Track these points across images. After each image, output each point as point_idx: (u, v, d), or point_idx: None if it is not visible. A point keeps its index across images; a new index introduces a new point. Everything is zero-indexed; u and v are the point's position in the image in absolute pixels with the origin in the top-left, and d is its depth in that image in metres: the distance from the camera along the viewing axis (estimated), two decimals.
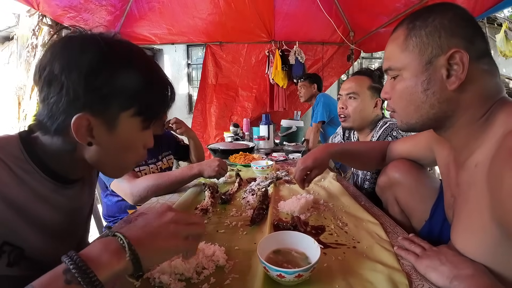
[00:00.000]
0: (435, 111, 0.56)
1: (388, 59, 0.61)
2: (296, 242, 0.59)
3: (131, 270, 0.39)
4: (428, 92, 0.55)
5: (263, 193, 0.92)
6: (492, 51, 2.00)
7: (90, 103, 0.46)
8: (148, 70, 0.52)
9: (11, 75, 3.93)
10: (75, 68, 0.45)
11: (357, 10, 2.70)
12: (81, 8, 2.29)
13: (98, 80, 0.46)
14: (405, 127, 0.63)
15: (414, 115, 0.59)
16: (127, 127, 0.51)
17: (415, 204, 0.81)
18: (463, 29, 0.53)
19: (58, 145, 0.50)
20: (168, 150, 1.46)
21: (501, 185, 0.43)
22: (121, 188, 1.04)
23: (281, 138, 2.62)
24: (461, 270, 0.48)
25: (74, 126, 0.46)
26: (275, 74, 3.21)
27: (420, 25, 0.55)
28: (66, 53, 0.46)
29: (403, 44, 0.57)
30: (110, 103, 0.48)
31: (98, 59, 0.46)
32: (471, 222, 0.52)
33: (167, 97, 0.56)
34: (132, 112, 0.50)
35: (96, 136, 0.48)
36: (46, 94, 0.46)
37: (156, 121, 0.56)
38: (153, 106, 0.54)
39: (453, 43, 0.52)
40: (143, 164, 1.26)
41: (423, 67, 0.55)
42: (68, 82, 0.44)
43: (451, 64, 0.52)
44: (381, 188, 0.92)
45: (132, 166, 0.60)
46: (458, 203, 0.57)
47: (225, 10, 2.80)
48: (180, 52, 5.47)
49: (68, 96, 0.45)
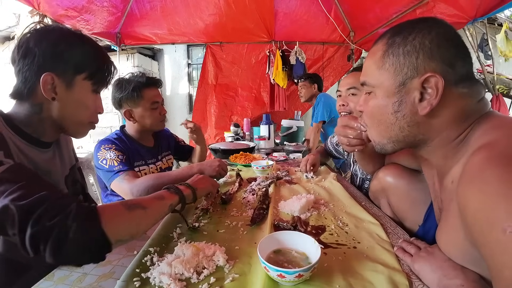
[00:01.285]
0: (404, 134, 0.54)
1: (364, 74, 0.59)
2: (297, 242, 0.59)
3: (192, 196, 0.76)
4: (398, 114, 0.53)
5: (263, 193, 0.92)
6: (492, 51, 2.01)
7: (54, 66, 0.63)
8: (97, 49, 0.71)
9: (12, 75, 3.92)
10: (45, 41, 0.63)
11: (357, 10, 2.70)
12: (82, 8, 2.29)
13: (60, 48, 0.63)
14: (379, 148, 0.60)
15: (385, 135, 0.57)
16: (80, 87, 0.68)
17: (407, 208, 0.81)
18: (445, 51, 0.49)
19: (29, 108, 0.65)
20: (168, 150, 1.46)
21: (466, 208, 0.41)
22: (121, 188, 1.04)
23: (281, 138, 2.62)
24: (450, 280, 0.48)
25: (42, 82, 0.61)
26: (276, 74, 3.21)
27: (399, 43, 0.52)
28: (38, 33, 0.64)
29: (380, 61, 0.55)
30: (68, 66, 0.65)
31: (61, 35, 0.65)
32: (450, 237, 0.52)
33: (110, 69, 0.73)
34: (84, 76, 0.67)
35: (58, 92, 0.64)
36: (21, 65, 0.62)
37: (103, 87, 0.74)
38: (100, 74, 0.71)
39: (430, 67, 0.49)
40: (143, 164, 1.26)
41: (395, 88, 0.53)
42: (39, 51, 0.61)
43: (425, 88, 0.50)
44: (373, 192, 0.92)
45: (87, 125, 0.74)
46: (443, 216, 0.57)
47: (226, 11, 2.80)
48: (180, 52, 5.47)
49: (39, 62, 0.61)
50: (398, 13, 2.30)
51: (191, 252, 0.57)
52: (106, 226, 0.49)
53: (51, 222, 0.45)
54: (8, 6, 3.86)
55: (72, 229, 0.45)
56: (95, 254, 0.49)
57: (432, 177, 0.64)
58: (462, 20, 1.91)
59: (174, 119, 5.35)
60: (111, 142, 1.15)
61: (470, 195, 0.40)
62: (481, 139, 0.47)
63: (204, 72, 3.39)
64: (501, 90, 3.10)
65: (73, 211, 0.47)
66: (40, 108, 0.65)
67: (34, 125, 0.66)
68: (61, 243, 0.45)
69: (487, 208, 0.37)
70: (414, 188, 0.79)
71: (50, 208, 0.46)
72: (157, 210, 0.63)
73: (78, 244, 0.46)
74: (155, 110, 1.24)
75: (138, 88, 1.19)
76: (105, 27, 2.68)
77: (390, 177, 0.83)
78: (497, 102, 2.90)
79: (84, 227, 0.47)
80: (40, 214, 0.45)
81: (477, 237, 0.40)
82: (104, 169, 1.07)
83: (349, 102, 1.20)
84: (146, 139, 1.32)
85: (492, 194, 0.37)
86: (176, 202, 0.69)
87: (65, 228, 0.45)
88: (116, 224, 0.52)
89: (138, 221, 0.57)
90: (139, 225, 0.57)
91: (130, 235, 0.54)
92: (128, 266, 0.56)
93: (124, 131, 1.28)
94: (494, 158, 0.40)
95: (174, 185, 0.73)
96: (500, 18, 3.97)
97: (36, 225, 0.45)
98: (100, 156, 1.09)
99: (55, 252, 0.45)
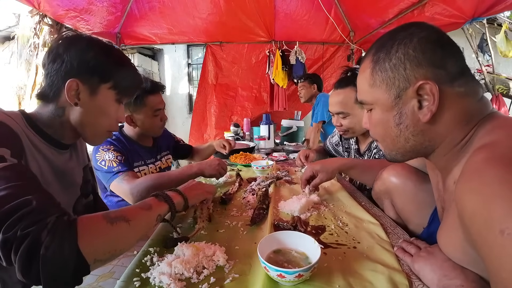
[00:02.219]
0: (410, 144, 0.54)
1: (360, 93, 0.59)
2: (297, 242, 0.59)
3: (183, 204, 0.71)
4: (401, 126, 0.53)
5: (263, 193, 0.92)
6: (492, 51, 2.01)
7: (80, 73, 0.65)
8: (124, 61, 0.73)
9: (12, 75, 3.93)
10: (73, 48, 0.65)
11: (357, 10, 2.70)
12: (82, 8, 2.29)
13: (88, 56, 0.65)
14: (389, 158, 0.61)
15: (393, 147, 0.57)
16: (104, 96, 0.69)
17: (413, 210, 0.79)
18: (431, 54, 0.49)
19: (52, 111, 0.67)
20: (167, 150, 1.47)
21: (464, 209, 0.41)
22: (121, 189, 1.04)
23: (281, 138, 2.62)
24: (450, 280, 0.48)
25: (67, 87, 0.63)
26: (276, 74, 3.21)
27: (384, 58, 0.52)
28: (68, 40, 0.67)
29: (370, 79, 0.55)
30: (94, 74, 0.66)
31: (89, 44, 0.67)
32: (450, 238, 0.51)
33: (137, 82, 0.76)
34: (109, 85, 0.69)
35: (81, 98, 0.66)
36: (50, 70, 0.65)
37: (127, 98, 0.76)
38: (126, 85, 0.73)
39: (420, 74, 0.49)
40: (142, 164, 1.26)
41: (392, 102, 0.52)
42: (68, 57, 0.64)
43: (422, 95, 0.49)
44: (376, 193, 0.90)
45: (105, 134, 0.75)
46: (444, 217, 0.56)
47: (226, 10, 2.80)
48: (180, 52, 5.47)
49: (66, 67, 0.64)
50: (397, 13, 2.31)
51: (191, 252, 0.57)
52: (83, 244, 0.44)
53: (24, 232, 0.41)
54: (8, 6, 3.86)
55: (45, 243, 0.41)
56: (71, 274, 0.43)
57: (436, 176, 0.63)
58: (461, 20, 1.92)
59: (174, 119, 5.35)
60: (110, 143, 1.14)
61: (468, 196, 0.40)
62: (483, 139, 0.46)
63: (204, 72, 3.39)
64: (500, 90, 3.10)
65: (50, 223, 0.43)
66: (63, 112, 0.67)
67: (55, 127, 0.68)
68: (31, 257, 0.41)
69: (485, 209, 0.37)
70: (421, 189, 0.76)
71: (28, 215, 0.43)
72: (143, 223, 0.58)
73: (50, 262, 0.41)
74: (157, 117, 1.24)
75: (142, 94, 1.17)
76: (105, 27, 2.68)
77: (395, 177, 0.81)
78: (497, 102, 2.90)
79: (58, 243, 0.42)
80: (15, 219, 0.42)
81: (474, 239, 0.39)
82: (103, 170, 1.06)
83: (342, 122, 1.21)
84: (145, 140, 1.32)
85: (490, 195, 0.36)
86: (165, 211, 0.65)
87: (37, 241, 0.41)
88: (95, 241, 0.47)
89: (120, 236, 0.51)
90: (121, 241, 0.52)
91: (110, 254, 0.49)
92: (128, 266, 0.56)
93: (122, 132, 1.28)
94: (494, 159, 0.39)
95: (163, 192, 0.68)
96: (500, 18, 3.97)
97: (8, 231, 0.42)
98: (98, 157, 1.08)
99: (24, 267, 0.41)
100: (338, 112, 1.20)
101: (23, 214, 0.43)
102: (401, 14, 2.27)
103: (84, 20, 2.42)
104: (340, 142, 1.49)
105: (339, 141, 1.49)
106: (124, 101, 0.75)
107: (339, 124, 1.22)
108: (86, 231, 0.46)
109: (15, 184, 0.47)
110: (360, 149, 1.30)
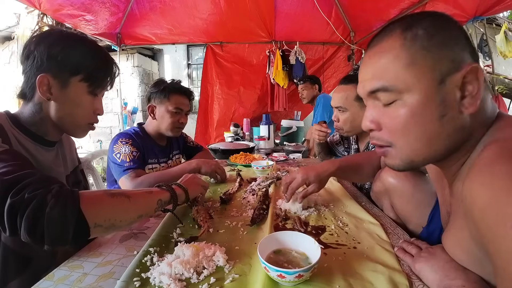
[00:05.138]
0: (448, 142, 0.46)
1: (381, 77, 0.47)
2: (297, 242, 0.59)
3: (184, 196, 0.75)
4: (443, 120, 0.44)
5: (263, 193, 0.92)
6: (492, 51, 2.01)
7: (50, 67, 0.66)
8: (96, 51, 0.72)
9: (12, 75, 3.93)
10: (43, 43, 0.65)
11: (358, 10, 2.70)
12: (83, 9, 2.29)
13: (55, 51, 0.65)
14: (402, 167, 0.50)
15: (425, 151, 0.47)
16: (76, 89, 0.69)
17: (412, 210, 0.79)
18: (467, 40, 0.44)
19: (32, 108, 0.68)
20: (178, 149, 1.50)
21: (474, 204, 0.39)
22: (126, 186, 1.06)
23: (281, 138, 2.62)
24: (452, 280, 0.48)
25: (38, 83, 0.65)
26: (276, 74, 3.21)
27: (423, 34, 0.44)
28: (39, 37, 0.67)
29: (406, 57, 0.44)
30: (63, 68, 0.67)
31: (58, 38, 0.67)
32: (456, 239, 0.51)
33: (110, 73, 0.75)
34: (80, 78, 0.69)
35: (53, 92, 0.67)
36: (25, 67, 0.67)
37: (102, 90, 0.75)
38: (97, 77, 0.72)
39: (466, 57, 0.44)
40: (155, 162, 1.29)
41: (435, 88, 0.43)
42: (37, 53, 0.65)
43: (465, 82, 0.43)
44: (375, 193, 0.90)
45: (85, 126, 0.76)
46: (451, 219, 0.55)
47: (226, 10, 2.80)
48: (180, 52, 5.47)
49: (37, 63, 0.65)
50: (398, 13, 2.31)
51: (191, 252, 0.56)
52: (85, 207, 0.49)
53: (31, 194, 0.46)
54: (8, 6, 3.87)
55: (50, 204, 0.46)
56: (72, 235, 0.48)
57: (441, 180, 0.61)
58: (462, 19, 1.92)
59: None
60: (129, 136, 1.18)
61: (479, 190, 0.38)
62: (492, 137, 0.45)
63: (205, 72, 3.39)
64: (500, 90, 3.10)
65: (55, 189, 0.48)
66: (40, 108, 0.69)
67: (37, 124, 0.70)
68: (37, 217, 0.45)
69: (497, 203, 0.36)
70: (419, 189, 0.77)
71: (33, 182, 0.48)
72: (142, 201, 0.62)
73: (54, 221, 0.46)
74: (176, 116, 1.28)
75: (168, 90, 1.26)
76: (106, 27, 2.68)
77: (394, 178, 0.81)
78: (496, 102, 2.90)
79: (62, 204, 0.47)
80: (22, 186, 0.47)
81: (483, 233, 0.39)
82: (116, 162, 1.09)
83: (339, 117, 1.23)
84: (161, 138, 1.36)
85: (502, 189, 0.36)
86: (166, 198, 0.68)
87: (43, 202, 0.46)
88: (96, 206, 0.52)
89: (119, 207, 0.56)
90: (121, 212, 0.56)
91: (110, 222, 0.52)
92: (128, 266, 0.56)
93: (142, 128, 1.31)
94: (506, 153, 0.39)
95: (166, 183, 0.73)
96: (500, 19, 3.98)
97: (16, 195, 0.46)
98: (115, 149, 1.12)
99: (30, 227, 0.45)
100: (337, 106, 1.23)
101: (30, 182, 0.48)
102: (402, 13, 2.27)
103: (86, 20, 2.42)
104: (341, 142, 1.49)
105: (340, 141, 1.50)
106: (99, 92, 0.75)
107: (336, 119, 1.25)
108: (88, 198, 0.51)
109: (15, 163, 0.52)
110: (360, 148, 1.30)
